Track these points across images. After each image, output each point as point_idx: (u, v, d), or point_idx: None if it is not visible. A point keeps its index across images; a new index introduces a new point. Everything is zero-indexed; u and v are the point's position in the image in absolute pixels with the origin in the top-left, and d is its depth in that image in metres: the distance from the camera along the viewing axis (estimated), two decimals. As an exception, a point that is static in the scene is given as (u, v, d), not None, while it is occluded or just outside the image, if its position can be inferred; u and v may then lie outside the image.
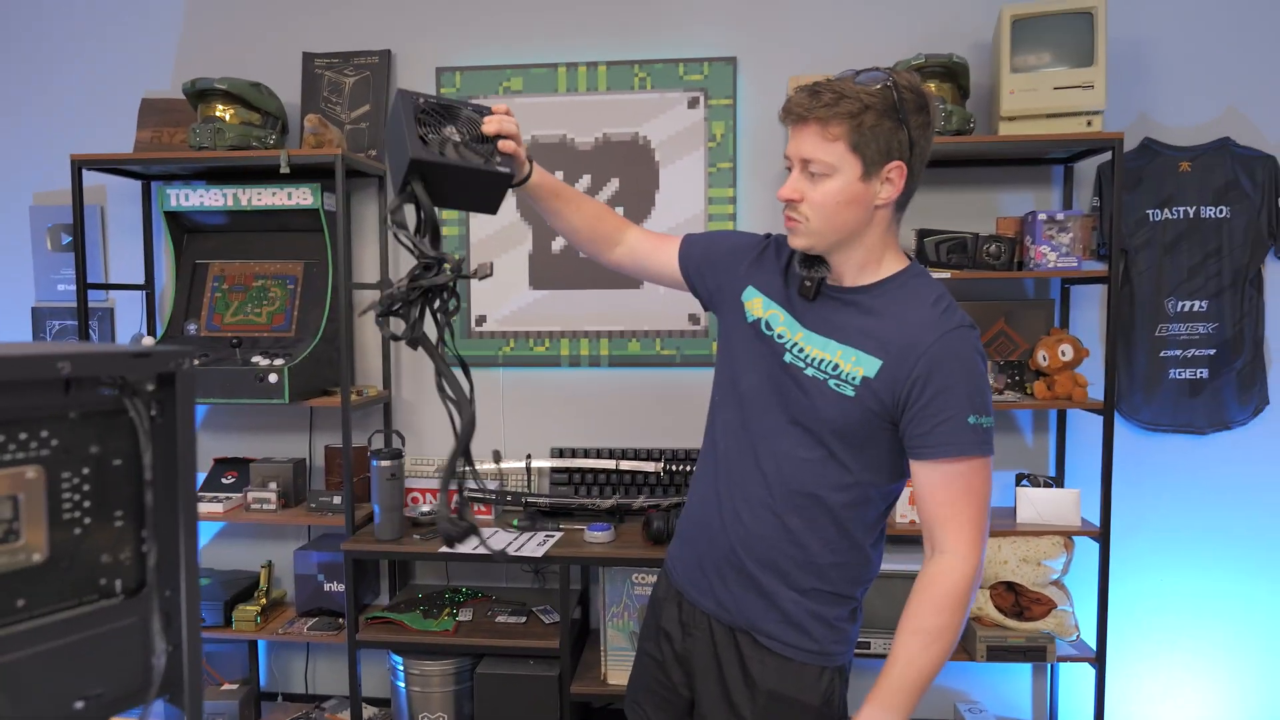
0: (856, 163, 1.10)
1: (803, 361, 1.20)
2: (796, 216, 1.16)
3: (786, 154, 1.17)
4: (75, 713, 0.68)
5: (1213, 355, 2.52)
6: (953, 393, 1.10)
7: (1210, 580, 2.58)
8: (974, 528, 1.13)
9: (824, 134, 1.09)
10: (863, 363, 1.15)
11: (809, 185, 1.13)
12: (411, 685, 2.39)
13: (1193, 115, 2.51)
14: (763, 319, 1.25)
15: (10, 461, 0.65)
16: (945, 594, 1.12)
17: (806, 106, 1.09)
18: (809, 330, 1.21)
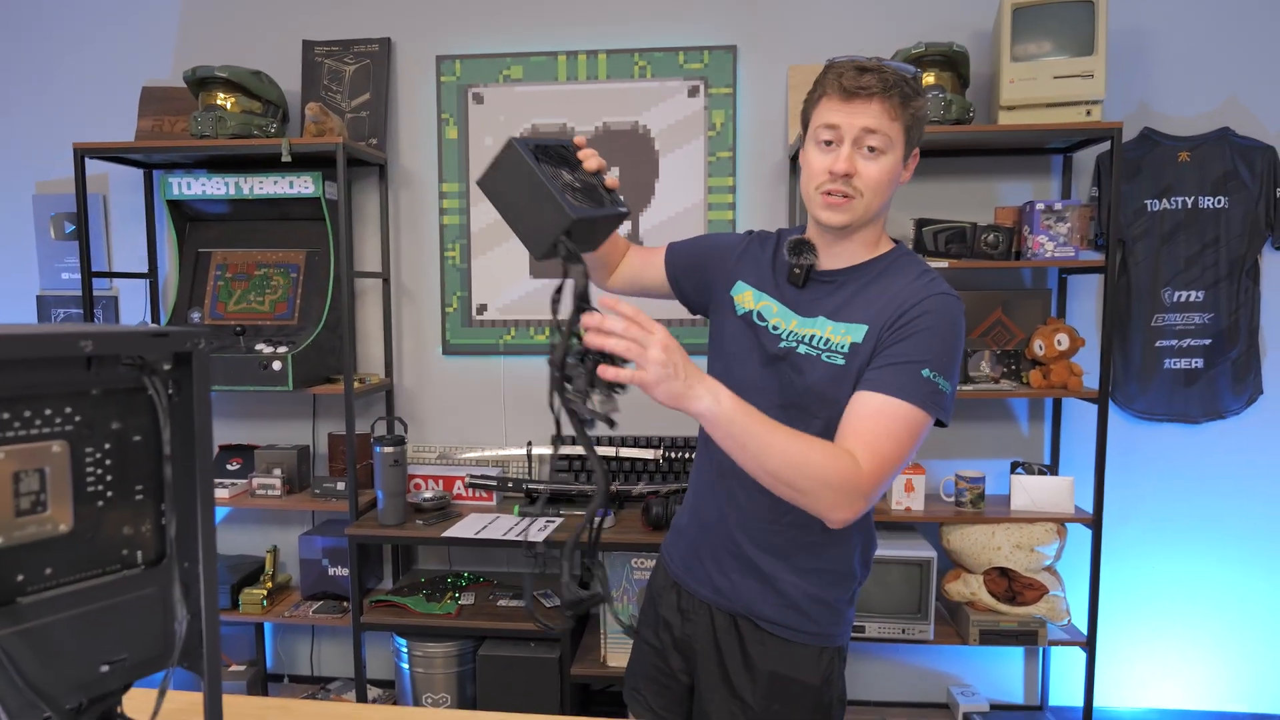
0: (902, 145, 1.14)
1: (795, 341, 1.21)
2: (850, 192, 1.13)
3: (831, 122, 1.12)
4: (101, 676, 0.71)
5: (1208, 345, 2.55)
6: (917, 340, 1.10)
7: (1200, 567, 2.61)
8: (886, 466, 1.07)
9: (890, 112, 1.11)
10: (850, 331, 1.17)
11: (862, 160, 1.13)
12: (415, 667, 2.43)
13: (1193, 105, 2.52)
14: (754, 310, 1.27)
15: (37, 436, 0.68)
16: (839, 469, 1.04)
17: (875, 85, 1.10)
18: (801, 316, 1.22)
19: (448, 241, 2.73)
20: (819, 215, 1.17)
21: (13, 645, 0.65)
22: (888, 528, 2.55)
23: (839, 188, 1.13)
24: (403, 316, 2.79)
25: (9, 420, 0.66)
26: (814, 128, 1.16)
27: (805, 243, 1.23)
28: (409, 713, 0.95)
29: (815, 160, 1.16)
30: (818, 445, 1.06)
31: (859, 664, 2.72)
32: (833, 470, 1.04)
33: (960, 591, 2.43)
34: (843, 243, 1.21)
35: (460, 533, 2.35)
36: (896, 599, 2.36)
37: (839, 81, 1.11)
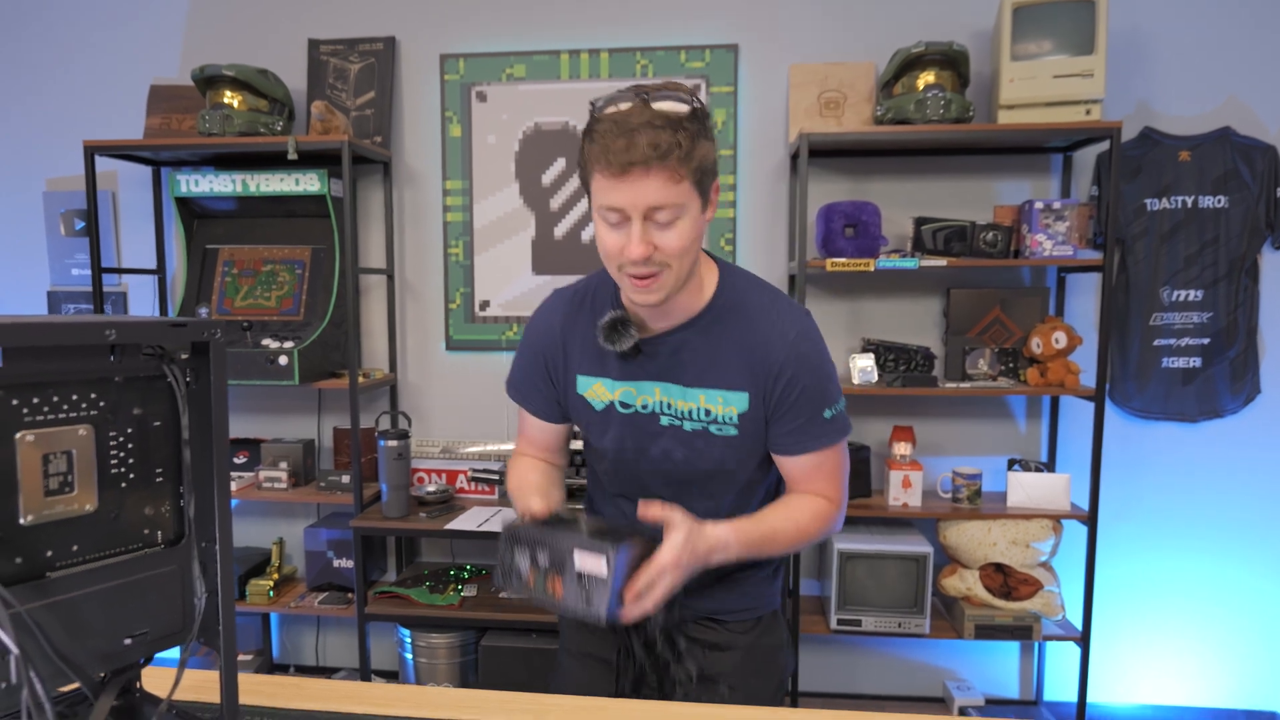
0: (697, 196, 1.04)
1: (679, 419, 1.16)
2: (654, 269, 1.04)
3: (613, 205, 1.02)
4: (124, 648, 0.74)
5: (1206, 344, 2.57)
6: (807, 394, 1.13)
7: (1195, 564, 2.64)
8: (839, 491, 1.21)
9: (672, 177, 0.99)
10: (732, 401, 1.14)
11: (658, 232, 1.02)
12: (419, 657, 2.46)
13: (1193, 104, 2.54)
14: (614, 401, 1.19)
15: (64, 420, 0.71)
16: (823, 515, 1.19)
17: (649, 156, 0.97)
18: (667, 384, 1.16)
19: (451, 238, 2.76)
20: (633, 297, 1.09)
21: (42, 617, 0.69)
22: (885, 524, 2.58)
23: (642, 271, 1.04)
24: (406, 312, 2.82)
25: (38, 405, 0.70)
26: (596, 203, 1.05)
27: (618, 322, 1.14)
28: (417, 691, 0.98)
29: (607, 238, 1.05)
30: (803, 513, 1.18)
31: (855, 657, 2.75)
32: (821, 524, 1.19)
33: (956, 587, 2.46)
34: (669, 305, 1.12)
35: (463, 526, 2.38)
36: (893, 594, 2.39)
37: (606, 158, 0.99)
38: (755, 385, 1.13)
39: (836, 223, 2.40)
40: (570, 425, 1.31)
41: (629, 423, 1.19)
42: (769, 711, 0.96)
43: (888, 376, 2.45)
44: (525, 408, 1.29)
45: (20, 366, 0.68)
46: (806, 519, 1.18)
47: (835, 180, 2.62)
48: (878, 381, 2.44)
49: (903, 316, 2.64)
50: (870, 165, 2.61)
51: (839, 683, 2.75)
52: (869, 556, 2.38)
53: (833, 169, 2.62)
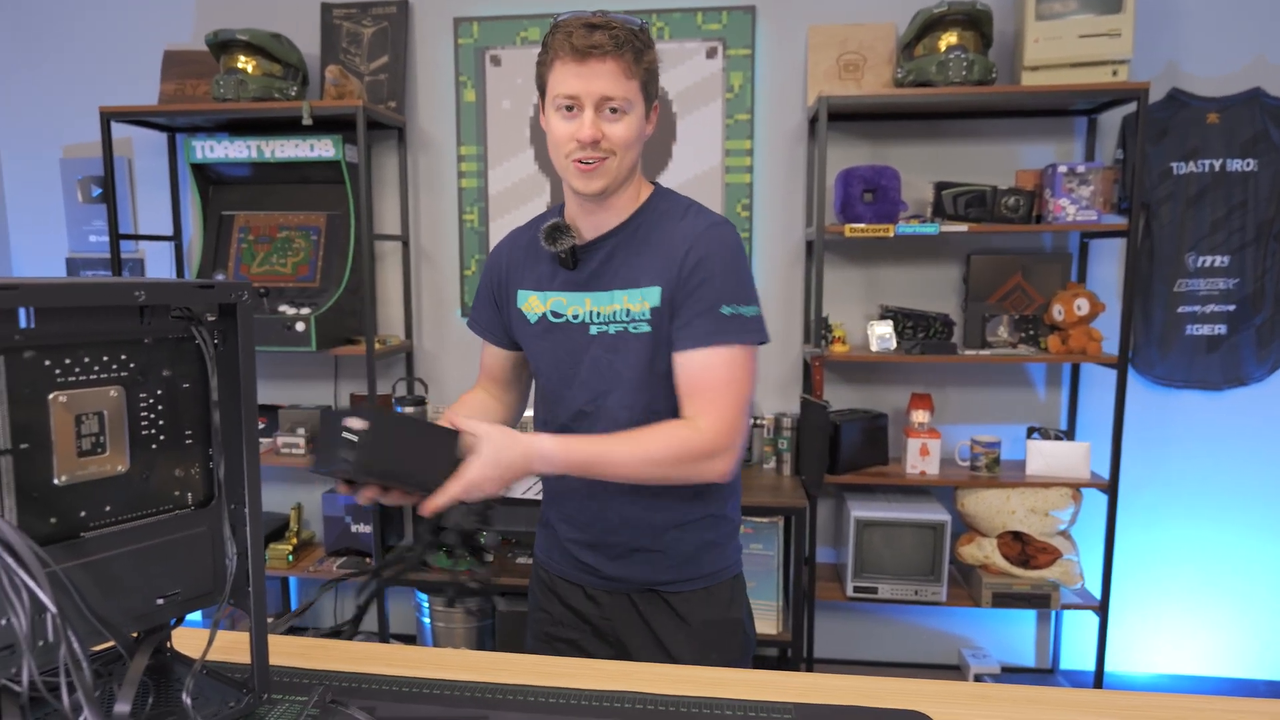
0: (642, 101, 1.13)
1: (604, 323, 1.19)
2: (600, 155, 1.11)
3: (570, 93, 1.09)
4: (157, 608, 0.75)
5: (1232, 311, 2.53)
6: (708, 285, 1.13)
7: (1217, 534, 2.62)
8: (730, 413, 1.13)
9: (625, 71, 1.09)
10: (645, 296, 1.16)
11: (607, 124, 1.10)
12: (436, 621, 2.50)
13: (1222, 65, 2.47)
14: (546, 312, 1.23)
15: (95, 381, 0.71)
16: (679, 441, 1.11)
17: (608, 43, 1.07)
18: (595, 292, 1.20)
19: (466, 204, 2.74)
20: (575, 184, 1.15)
21: (77, 576, 0.70)
22: (902, 491, 2.58)
23: (589, 154, 1.11)
24: (422, 279, 2.81)
25: (70, 365, 0.70)
26: (552, 95, 1.12)
27: (558, 227, 1.19)
28: (439, 653, 0.99)
29: (559, 128, 1.12)
30: (651, 436, 1.12)
31: (872, 625, 2.76)
32: (677, 449, 1.11)
33: (973, 555, 2.46)
34: (605, 206, 1.18)
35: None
36: (909, 561, 2.39)
37: (569, 42, 1.08)
38: (665, 277, 1.15)
39: (855, 188, 2.36)
40: (519, 355, 1.33)
41: (561, 333, 1.22)
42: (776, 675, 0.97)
43: (906, 343, 2.43)
44: (477, 331, 1.36)
45: (52, 327, 0.68)
46: (656, 443, 1.11)
47: (854, 144, 2.58)
48: (896, 349, 2.42)
49: (922, 283, 2.61)
50: (890, 129, 2.57)
51: (854, 649, 2.77)
52: (886, 524, 2.39)
53: (852, 133, 2.58)
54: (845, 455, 2.42)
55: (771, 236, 2.65)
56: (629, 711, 0.85)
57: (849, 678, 0.96)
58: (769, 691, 0.91)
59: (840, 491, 2.61)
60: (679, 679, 0.94)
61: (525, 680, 0.91)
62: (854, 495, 2.54)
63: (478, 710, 0.84)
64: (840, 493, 2.61)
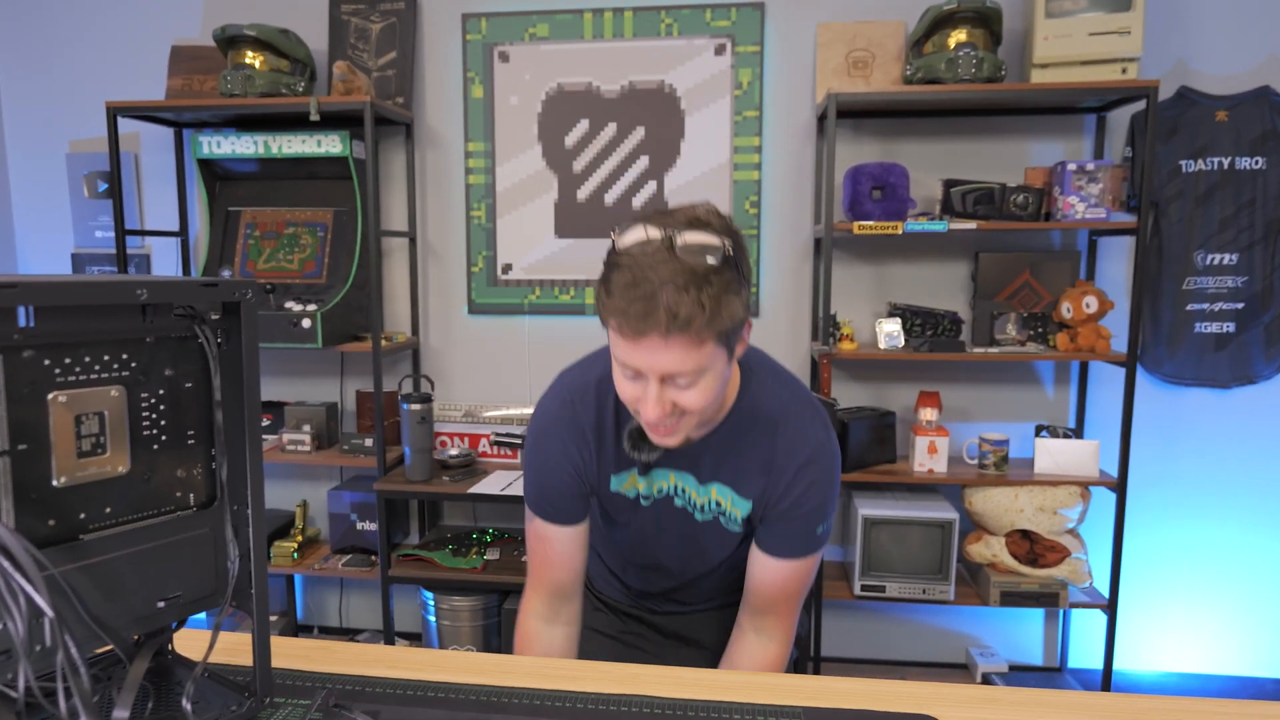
0: (724, 354, 0.96)
1: (690, 506, 1.16)
2: (673, 424, 0.99)
3: (631, 365, 0.95)
4: (158, 611, 0.74)
5: (1240, 309, 2.51)
6: (809, 508, 1.11)
7: (1226, 533, 2.60)
8: (794, 616, 1.19)
9: (694, 343, 0.91)
10: (738, 505, 1.14)
11: (678, 392, 0.96)
12: (441, 619, 2.50)
13: (1231, 63, 2.45)
14: (651, 489, 1.17)
15: (96, 381, 0.70)
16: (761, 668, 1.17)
17: (668, 323, 0.88)
18: (687, 474, 1.15)
19: (473, 201, 2.73)
20: (652, 438, 1.04)
21: (76, 579, 0.69)
22: (910, 489, 2.57)
23: (663, 425, 0.99)
24: (429, 276, 2.81)
25: (70, 365, 0.69)
26: (611, 351, 0.99)
27: (642, 434, 1.08)
28: (442, 655, 0.99)
29: (625, 388, 0.99)
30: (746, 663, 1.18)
31: (879, 624, 2.75)
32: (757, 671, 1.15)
33: (981, 553, 2.44)
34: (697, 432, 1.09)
35: (486, 489, 2.39)
36: (917, 560, 2.38)
37: (623, 318, 0.91)
38: (762, 494, 1.12)
39: (864, 185, 2.35)
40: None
41: (662, 506, 1.19)
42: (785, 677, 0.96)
43: (914, 341, 2.42)
44: (556, 520, 1.17)
45: (52, 326, 0.67)
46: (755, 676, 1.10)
47: (863, 142, 2.56)
48: (904, 346, 2.41)
49: (930, 280, 2.59)
50: (899, 126, 2.55)
51: (861, 648, 2.76)
52: (893, 522, 2.37)
53: (860, 130, 2.56)
54: (853, 453, 2.41)
55: (779, 234, 2.63)
56: (635, 715, 0.84)
57: (857, 680, 0.95)
58: (776, 695, 0.90)
59: (848, 489, 2.60)
60: (686, 682, 0.93)
61: (530, 683, 0.91)
62: (861, 493, 2.53)
63: (482, 714, 0.83)
64: (848, 491, 2.60)
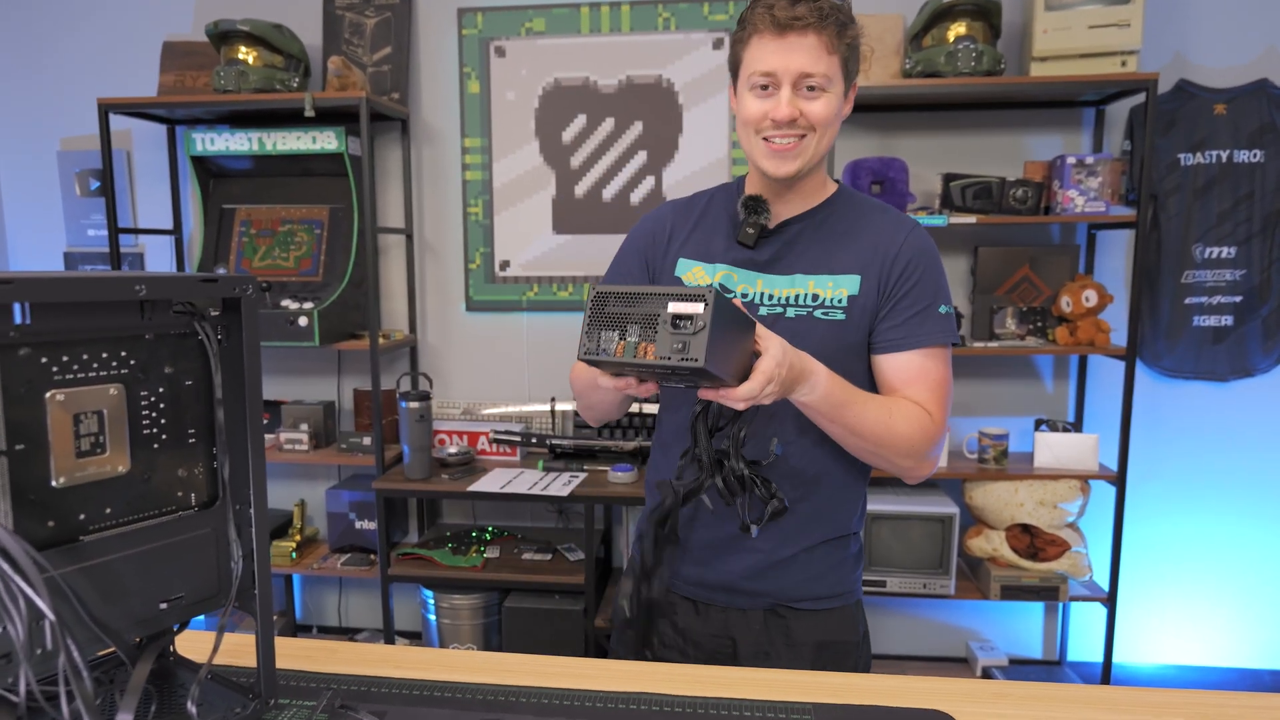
0: (842, 79, 1.08)
1: (780, 306, 1.14)
2: (798, 134, 1.07)
3: (767, 69, 1.05)
4: (160, 613, 0.73)
5: (1238, 303, 2.51)
6: (924, 284, 1.11)
7: (1225, 525, 2.61)
8: (946, 412, 1.14)
9: (826, 46, 1.04)
10: (843, 283, 1.12)
11: (804, 101, 1.06)
12: (442, 618, 2.48)
13: (1230, 56, 2.45)
14: (714, 284, 1.17)
15: (94, 379, 0.69)
16: (918, 421, 1.09)
17: (810, 16, 1.02)
18: (770, 275, 1.15)
19: (470, 197, 2.72)
20: (765, 166, 1.10)
21: (77, 581, 0.68)
22: (910, 484, 2.56)
23: (785, 133, 1.07)
24: (426, 273, 2.79)
25: (68, 363, 0.67)
26: (747, 73, 1.08)
27: (760, 199, 1.15)
28: (447, 654, 0.98)
29: (752, 107, 1.08)
30: (900, 407, 1.09)
31: (880, 618, 2.75)
32: (918, 431, 1.08)
33: (982, 548, 2.44)
34: (792, 191, 1.14)
35: (486, 487, 2.38)
36: (918, 554, 2.38)
37: (770, 14, 1.04)
38: (870, 269, 1.12)
39: (863, 179, 2.34)
40: None
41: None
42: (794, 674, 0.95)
43: (914, 337, 2.41)
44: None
45: (49, 323, 0.66)
46: (900, 415, 1.08)
47: (862, 136, 2.55)
48: (904, 342, 2.40)
49: (929, 276, 2.59)
50: (898, 121, 2.54)
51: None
52: (894, 517, 2.37)
53: (860, 124, 2.55)
54: (852, 449, 2.41)
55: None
56: (645, 713, 0.83)
57: (868, 677, 0.94)
58: (788, 691, 0.89)
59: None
60: (695, 679, 0.92)
61: (535, 681, 0.90)
62: (861, 489, 2.52)
63: (489, 713, 0.82)
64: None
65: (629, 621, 1.15)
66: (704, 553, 1.20)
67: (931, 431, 1.10)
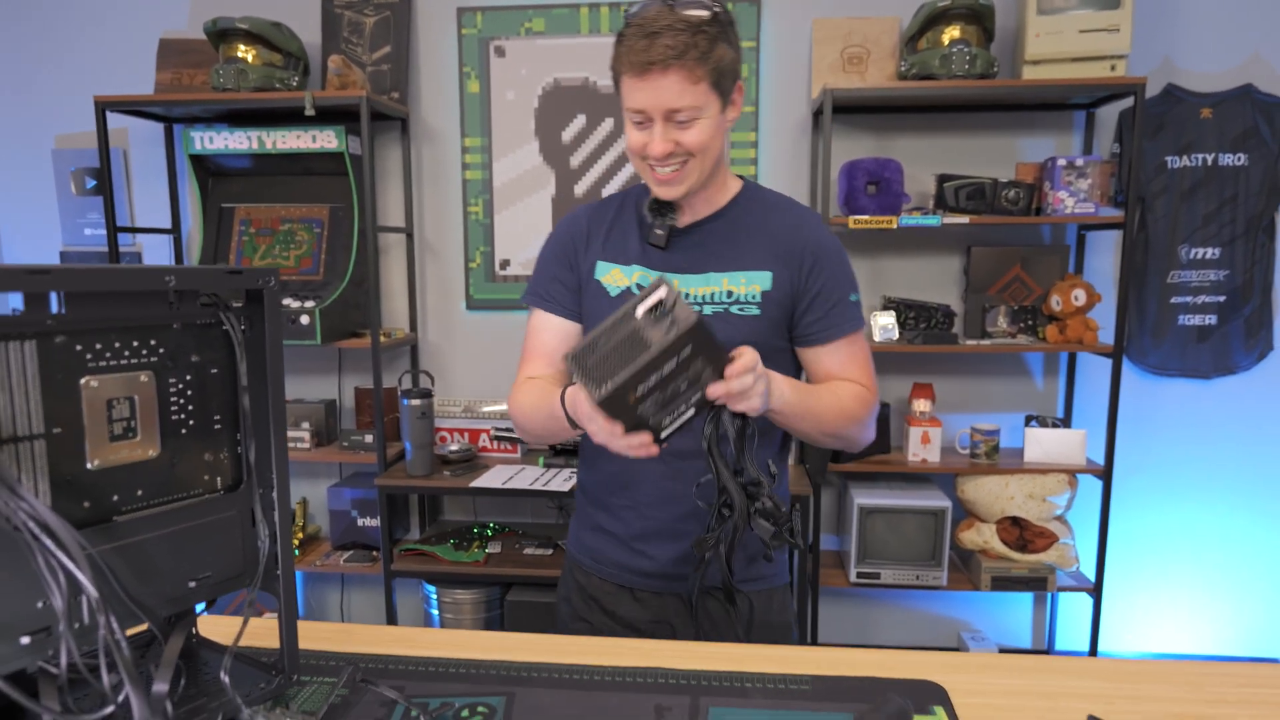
0: (716, 99, 1.09)
1: (697, 304, 1.17)
2: (679, 161, 1.11)
3: (636, 107, 1.08)
4: (189, 590, 0.76)
5: (1222, 302, 2.56)
6: (836, 278, 1.18)
7: (1207, 517, 2.67)
8: (873, 381, 1.23)
9: (689, 78, 1.04)
10: (755, 279, 1.17)
11: (679, 132, 1.08)
12: (445, 612, 2.51)
13: (1216, 61, 2.50)
14: (630, 285, 1.20)
15: (126, 366, 0.72)
16: (860, 397, 1.18)
17: (667, 55, 1.02)
18: (685, 275, 1.19)
19: (470, 196, 2.74)
20: (656, 191, 1.15)
21: (112, 559, 0.70)
22: (904, 479, 2.60)
23: (665, 166, 1.11)
24: (426, 272, 2.82)
25: (101, 350, 0.71)
26: (624, 106, 1.11)
27: (667, 202, 1.18)
28: (462, 634, 1.01)
29: (633, 137, 1.12)
30: (844, 391, 1.18)
31: (874, 609, 2.79)
32: (862, 405, 1.18)
33: (973, 540, 2.49)
34: (694, 198, 1.18)
35: (487, 483, 2.41)
36: (911, 547, 2.42)
37: (630, 59, 1.05)
38: (781, 265, 1.17)
39: (859, 180, 2.38)
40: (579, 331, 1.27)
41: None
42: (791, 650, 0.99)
43: (908, 334, 2.46)
44: (544, 306, 1.26)
45: (83, 312, 0.69)
46: (847, 396, 1.16)
47: (858, 137, 2.60)
48: (898, 339, 2.44)
49: (923, 274, 2.63)
50: (893, 122, 2.58)
51: (856, 634, 2.80)
52: (888, 511, 2.41)
53: (856, 126, 2.59)
54: (846, 445, 2.45)
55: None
56: (653, 686, 0.86)
57: (863, 651, 0.98)
58: (785, 665, 0.93)
59: (843, 480, 2.64)
60: (699, 655, 0.96)
61: (548, 658, 0.93)
62: (857, 483, 2.56)
63: (504, 686, 0.85)
64: (843, 481, 2.64)
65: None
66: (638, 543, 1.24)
67: (872, 403, 1.21)
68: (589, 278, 1.23)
